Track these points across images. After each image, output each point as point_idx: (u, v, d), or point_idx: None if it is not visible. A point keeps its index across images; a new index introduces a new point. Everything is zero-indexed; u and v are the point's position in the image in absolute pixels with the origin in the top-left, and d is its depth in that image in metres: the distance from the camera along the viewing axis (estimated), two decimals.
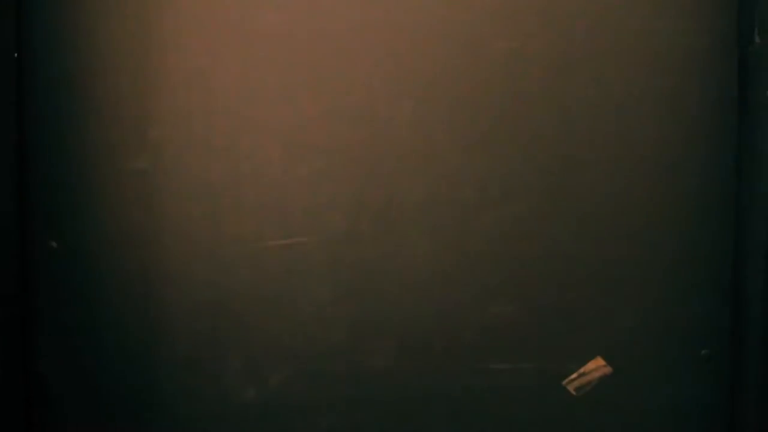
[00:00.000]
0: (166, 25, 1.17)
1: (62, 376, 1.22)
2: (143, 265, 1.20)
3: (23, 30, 1.18)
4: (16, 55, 1.17)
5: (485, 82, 1.14)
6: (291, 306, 1.20)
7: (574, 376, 1.16)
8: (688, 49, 1.12)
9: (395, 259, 1.17)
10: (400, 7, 1.15)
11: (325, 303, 1.19)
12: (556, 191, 1.15)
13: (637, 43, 1.13)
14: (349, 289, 1.18)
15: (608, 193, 1.15)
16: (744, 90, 1.10)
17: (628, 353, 1.16)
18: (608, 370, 1.16)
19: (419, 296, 1.18)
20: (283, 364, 1.20)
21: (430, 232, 1.16)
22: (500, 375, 1.17)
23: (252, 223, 1.18)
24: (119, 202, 1.19)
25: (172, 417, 1.21)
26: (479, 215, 1.16)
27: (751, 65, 1.08)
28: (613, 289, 1.16)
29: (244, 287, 1.19)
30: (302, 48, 1.16)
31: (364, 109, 1.16)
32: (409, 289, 1.18)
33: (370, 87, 1.16)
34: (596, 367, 1.16)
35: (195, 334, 1.20)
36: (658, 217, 1.14)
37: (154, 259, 1.19)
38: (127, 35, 1.18)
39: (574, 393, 1.17)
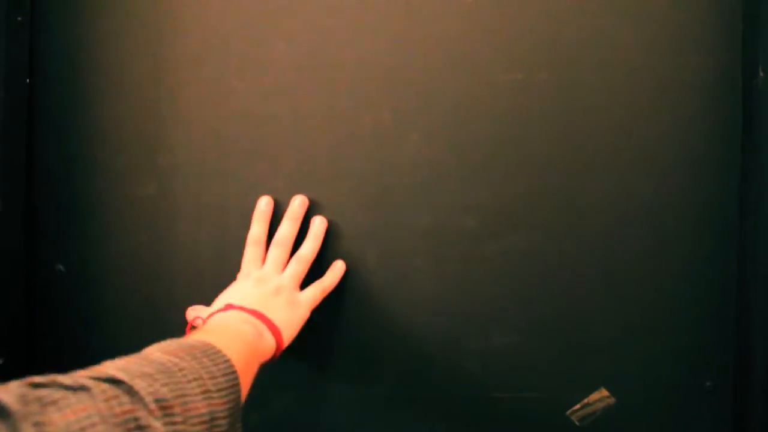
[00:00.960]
0: (177, 52, 1.18)
1: None
2: (150, 290, 1.20)
3: (35, 56, 1.19)
4: (28, 81, 1.18)
5: (490, 113, 1.15)
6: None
7: (577, 406, 1.16)
8: (693, 83, 1.13)
9: (400, 287, 1.17)
10: (408, 41, 1.16)
11: (328, 330, 1.19)
12: (560, 221, 1.15)
13: (641, 76, 1.13)
14: (353, 316, 1.19)
15: (612, 225, 1.15)
16: (748, 124, 1.11)
17: (631, 384, 1.16)
18: (612, 400, 1.16)
19: (423, 324, 1.18)
20: (286, 390, 1.20)
21: (435, 261, 1.17)
22: (502, 404, 1.17)
23: None
24: (127, 227, 1.20)
25: None
26: (483, 244, 1.16)
27: (756, 99, 1.09)
28: (617, 320, 1.16)
29: None
30: (312, 78, 1.17)
31: (373, 140, 1.17)
32: (413, 316, 1.18)
33: (379, 118, 1.16)
34: (600, 397, 1.16)
35: None
36: (661, 251, 1.15)
37: (161, 284, 1.20)
38: (137, 61, 1.19)
39: (578, 423, 1.16)
